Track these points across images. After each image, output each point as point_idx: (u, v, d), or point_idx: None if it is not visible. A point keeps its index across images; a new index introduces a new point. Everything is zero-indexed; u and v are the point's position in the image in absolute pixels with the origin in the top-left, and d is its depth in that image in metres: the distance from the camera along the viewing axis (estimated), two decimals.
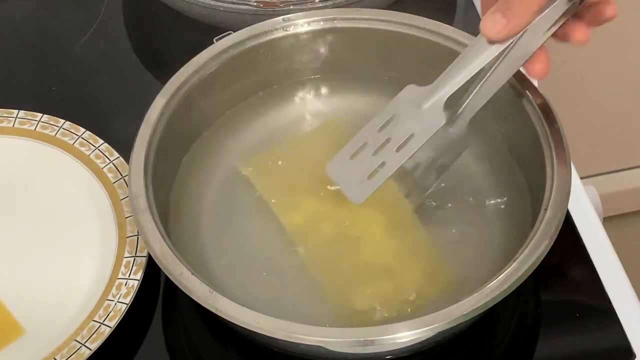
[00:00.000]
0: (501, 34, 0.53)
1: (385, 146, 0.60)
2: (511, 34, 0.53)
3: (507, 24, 0.52)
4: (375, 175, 0.60)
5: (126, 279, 0.62)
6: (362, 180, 0.60)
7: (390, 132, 0.60)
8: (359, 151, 0.61)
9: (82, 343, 0.60)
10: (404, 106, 0.60)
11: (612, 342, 0.62)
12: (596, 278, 0.64)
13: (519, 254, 0.55)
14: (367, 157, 0.60)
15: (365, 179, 0.60)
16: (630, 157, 1.47)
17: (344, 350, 0.55)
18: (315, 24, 0.69)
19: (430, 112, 0.59)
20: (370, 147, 0.60)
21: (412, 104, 0.59)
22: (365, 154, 0.60)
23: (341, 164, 0.61)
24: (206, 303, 0.54)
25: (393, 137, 0.60)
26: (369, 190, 0.60)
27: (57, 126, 0.72)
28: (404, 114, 0.60)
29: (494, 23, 0.53)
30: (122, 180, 0.68)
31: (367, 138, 0.61)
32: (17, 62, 0.84)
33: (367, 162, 0.60)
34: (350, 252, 0.63)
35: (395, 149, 0.59)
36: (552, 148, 0.60)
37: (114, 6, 0.87)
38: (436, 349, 0.60)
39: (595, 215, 0.69)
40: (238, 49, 0.68)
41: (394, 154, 0.59)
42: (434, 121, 0.59)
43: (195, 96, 0.66)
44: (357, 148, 0.61)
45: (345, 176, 0.61)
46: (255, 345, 0.60)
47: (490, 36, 0.53)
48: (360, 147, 0.61)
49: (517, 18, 0.52)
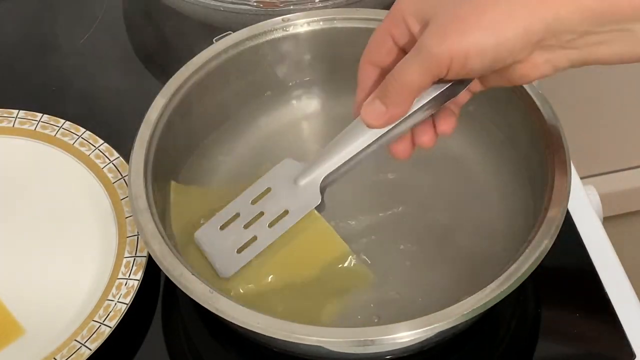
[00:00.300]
0: (380, 121, 0.53)
1: (257, 220, 0.59)
2: (390, 121, 0.53)
3: (386, 112, 0.52)
4: (246, 250, 0.59)
5: (126, 279, 0.62)
6: (231, 252, 0.59)
7: (264, 205, 0.59)
8: (230, 222, 0.59)
9: (82, 343, 0.60)
10: (280, 180, 0.59)
11: (612, 342, 0.62)
12: (596, 278, 0.64)
13: (519, 254, 0.55)
14: (237, 229, 0.59)
15: (234, 252, 0.59)
16: (630, 157, 1.47)
17: (344, 350, 0.55)
18: (315, 24, 0.69)
19: (306, 190, 0.58)
20: (242, 220, 0.59)
21: (289, 179, 0.59)
22: (236, 225, 0.59)
23: (211, 233, 0.59)
24: (206, 303, 0.54)
25: (267, 211, 0.59)
26: (238, 264, 0.59)
27: (57, 126, 0.72)
28: (280, 188, 0.59)
29: (373, 110, 0.53)
30: (122, 180, 0.68)
31: (239, 209, 0.59)
32: (17, 62, 0.84)
33: (238, 234, 0.59)
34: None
35: (268, 224, 0.59)
36: (552, 148, 0.60)
37: (114, 6, 0.87)
38: (436, 349, 0.59)
39: (595, 215, 0.69)
40: (238, 49, 0.68)
41: (266, 230, 0.59)
42: (310, 200, 0.58)
43: (195, 96, 0.66)
44: (228, 219, 0.59)
45: (213, 246, 0.59)
46: (255, 345, 0.60)
47: (371, 123, 0.53)
48: (231, 218, 0.59)
49: (395, 106, 0.52)
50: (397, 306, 0.60)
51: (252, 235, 0.59)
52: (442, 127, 0.56)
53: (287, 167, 0.60)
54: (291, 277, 0.60)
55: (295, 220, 0.58)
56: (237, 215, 0.59)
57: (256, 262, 0.59)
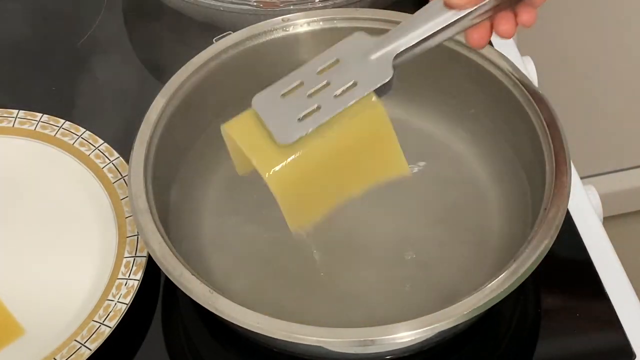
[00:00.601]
0: (465, 2, 0.53)
1: (323, 90, 0.55)
2: (474, 2, 0.53)
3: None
4: (308, 118, 0.55)
5: (126, 279, 0.62)
6: (292, 120, 0.55)
7: (331, 76, 0.56)
8: (293, 90, 0.56)
9: (82, 343, 0.60)
10: (351, 52, 0.56)
11: (612, 342, 0.62)
12: (596, 278, 0.64)
13: (519, 254, 0.55)
14: (301, 97, 0.55)
15: (296, 120, 0.55)
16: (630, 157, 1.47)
17: (344, 350, 0.55)
18: (315, 24, 0.69)
19: (378, 64, 0.56)
20: (306, 88, 0.56)
21: (359, 52, 0.56)
22: (300, 94, 0.56)
23: (271, 99, 0.56)
24: (206, 303, 0.54)
25: (333, 82, 0.55)
26: (298, 132, 0.55)
27: (57, 126, 0.72)
28: (349, 60, 0.56)
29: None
30: (122, 180, 0.68)
31: (303, 78, 0.56)
32: (17, 62, 0.84)
33: (301, 102, 0.55)
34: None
35: (334, 94, 0.55)
36: (552, 148, 0.60)
37: (114, 6, 0.87)
38: (436, 349, 0.60)
39: (595, 215, 0.69)
40: (238, 49, 0.68)
41: (332, 100, 0.55)
42: (381, 74, 0.55)
43: (195, 96, 0.66)
44: (291, 87, 0.56)
45: (272, 112, 0.56)
46: (255, 345, 0.60)
47: (455, 3, 0.53)
48: (294, 87, 0.56)
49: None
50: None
51: (316, 104, 0.55)
52: (523, 18, 0.55)
53: (358, 40, 0.57)
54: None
55: (364, 92, 0.55)
56: (301, 84, 0.56)
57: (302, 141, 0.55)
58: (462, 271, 0.62)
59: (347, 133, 0.56)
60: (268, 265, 0.63)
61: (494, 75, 0.65)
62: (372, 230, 0.64)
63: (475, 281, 0.58)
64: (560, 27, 1.26)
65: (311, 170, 0.56)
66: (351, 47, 0.57)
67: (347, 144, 0.56)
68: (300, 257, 0.63)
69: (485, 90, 0.66)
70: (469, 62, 0.66)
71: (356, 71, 0.56)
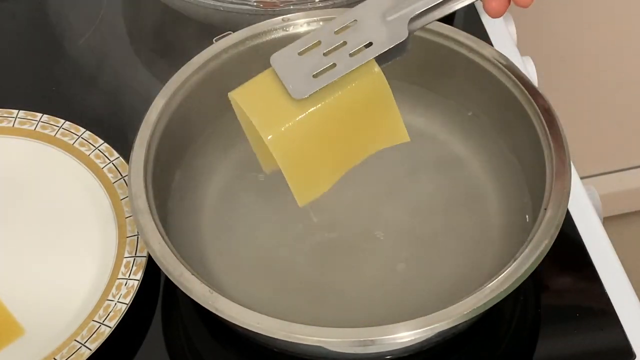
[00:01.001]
0: None
1: (339, 49, 0.57)
2: None
3: None
4: (322, 75, 0.56)
5: (126, 279, 0.62)
6: (307, 76, 0.56)
7: (348, 36, 0.57)
8: (310, 49, 0.57)
9: (82, 343, 0.60)
10: (368, 13, 0.58)
11: (612, 342, 0.62)
12: (596, 278, 0.64)
13: (519, 254, 0.55)
14: (317, 55, 0.57)
15: (311, 76, 0.56)
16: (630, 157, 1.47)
17: (344, 350, 0.55)
18: (315, 24, 0.69)
19: (394, 25, 0.57)
20: (323, 47, 0.57)
21: (377, 13, 0.57)
22: (316, 52, 0.57)
23: (288, 57, 0.57)
24: (206, 303, 0.54)
25: (349, 42, 0.57)
26: (312, 87, 0.56)
27: (57, 126, 0.72)
28: (367, 21, 0.57)
29: None
30: (122, 180, 0.68)
31: (321, 37, 0.57)
32: (17, 62, 0.84)
33: (316, 60, 0.57)
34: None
35: (349, 53, 0.57)
36: (552, 148, 0.60)
37: (114, 6, 0.87)
38: (436, 349, 0.60)
39: (595, 215, 0.69)
40: (238, 49, 0.68)
41: (347, 58, 0.56)
42: (396, 34, 0.57)
43: (195, 96, 0.66)
44: (309, 45, 0.57)
45: (288, 68, 0.57)
46: (255, 345, 0.60)
47: None
48: (311, 45, 0.57)
49: None
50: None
51: (332, 62, 0.57)
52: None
53: (376, 1, 0.58)
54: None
55: (378, 51, 0.57)
56: (318, 43, 0.58)
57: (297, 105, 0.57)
58: (462, 271, 0.62)
59: (348, 100, 0.57)
60: (268, 265, 0.63)
61: (494, 75, 0.65)
62: (372, 231, 0.64)
63: (475, 281, 0.58)
64: (560, 27, 1.26)
65: (312, 135, 0.57)
66: (369, 9, 0.58)
67: (348, 111, 0.58)
68: (300, 257, 0.63)
69: (485, 90, 0.66)
70: (469, 62, 0.66)
71: (372, 31, 0.57)
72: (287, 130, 0.57)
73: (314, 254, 0.63)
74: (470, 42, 0.66)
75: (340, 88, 0.57)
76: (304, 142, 0.58)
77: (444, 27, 0.67)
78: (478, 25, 0.82)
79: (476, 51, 0.66)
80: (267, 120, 0.57)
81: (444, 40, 0.67)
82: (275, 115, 0.57)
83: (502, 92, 0.64)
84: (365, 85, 0.57)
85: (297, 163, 0.58)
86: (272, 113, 0.57)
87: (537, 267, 0.54)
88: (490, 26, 0.82)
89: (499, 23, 0.83)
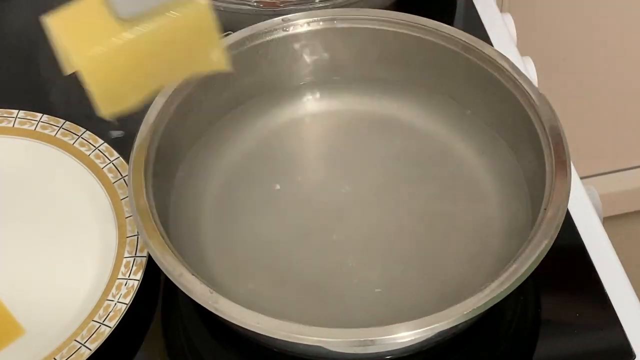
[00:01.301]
0: None
1: None
2: None
3: None
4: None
5: (126, 279, 0.62)
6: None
7: None
8: None
9: (82, 343, 0.60)
10: None
11: (612, 342, 0.62)
12: (596, 278, 0.64)
13: (519, 254, 0.55)
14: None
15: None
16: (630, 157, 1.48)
17: (344, 350, 0.55)
18: (314, 24, 0.69)
19: None
20: None
21: None
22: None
23: None
24: (206, 303, 0.54)
25: None
26: (139, 6, 0.52)
27: (57, 126, 0.72)
28: None
29: None
30: (122, 180, 0.68)
31: None
32: (17, 62, 0.84)
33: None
34: None
35: None
36: (552, 148, 0.60)
37: None
38: (436, 349, 0.59)
39: (595, 215, 0.69)
40: (238, 49, 0.68)
41: None
42: None
43: (195, 96, 0.66)
44: None
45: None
46: (255, 345, 0.60)
47: None
48: None
49: None
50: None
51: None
52: None
53: None
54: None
55: None
56: None
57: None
58: (462, 271, 0.62)
59: (169, 27, 0.54)
60: (268, 265, 0.63)
61: (493, 75, 0.65)
62: (372, 231, 0.64)
63: (475, 281, 0.58)
64: (560, 27, 1.26)
65: (128, 60, 0.55)
66: None
67: (169, 38, 0.55)
68: (300, 257, 0.63)
69: (484, 90, 0.66)
70: (469, 62, 0.66)
71: None
72: (100, 55, 0.55)
73: (314, 254, 0.63)
74: (471, 42, 0.66)
75: (166, 18, 0.53)
76: (117, 66, 0.55)
77: (444, 27, 0.67)
78: (478, 25, 0.82)
79: (476, 51, 0.66)
80: (81, 44, 0.56)
81: (444, 40, 0.67)
82: (91, 40, 0.55)
83: (502, 92, 0.64)
84: (189, 14, 0.54)
85: (107, 84, 0.56)
86: (88, 38, 0.55)
87: (537, 267, 0.54)
88: (490, 26, 0.82)
89: (499, 23, 0.83)
